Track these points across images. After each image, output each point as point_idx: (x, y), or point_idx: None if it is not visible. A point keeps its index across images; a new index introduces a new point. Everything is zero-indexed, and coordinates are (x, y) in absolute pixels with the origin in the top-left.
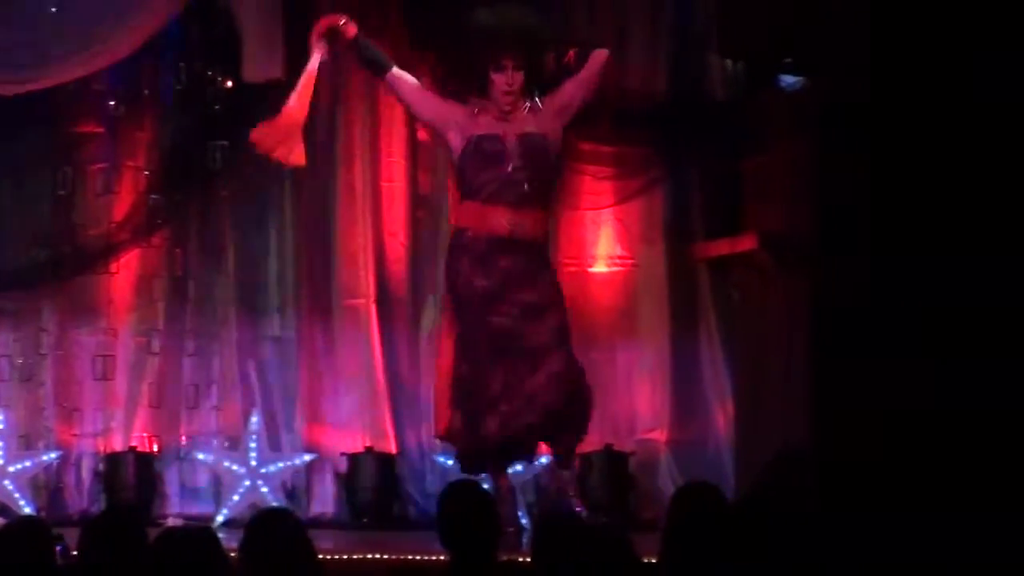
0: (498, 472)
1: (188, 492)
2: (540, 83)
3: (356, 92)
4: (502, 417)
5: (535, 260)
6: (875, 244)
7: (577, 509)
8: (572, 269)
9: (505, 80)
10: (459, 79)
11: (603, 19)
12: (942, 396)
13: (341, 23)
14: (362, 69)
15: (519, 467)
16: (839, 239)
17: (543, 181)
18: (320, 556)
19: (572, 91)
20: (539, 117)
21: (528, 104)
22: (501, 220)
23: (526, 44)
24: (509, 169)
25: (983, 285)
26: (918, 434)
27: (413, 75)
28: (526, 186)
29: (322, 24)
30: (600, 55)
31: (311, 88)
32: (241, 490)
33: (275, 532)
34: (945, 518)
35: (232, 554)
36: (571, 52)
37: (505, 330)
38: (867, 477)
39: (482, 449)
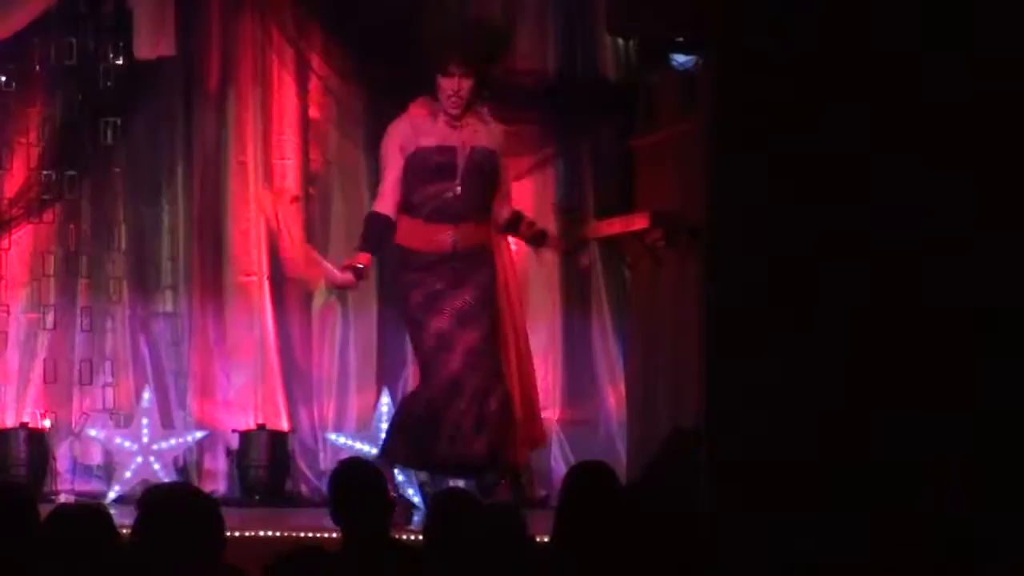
0: None
1: (80, 469)
2: (490, 92)
3: (247, 70)
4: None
5: (476, 263)
6: (767, 224)
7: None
8: None
9: (451, 86)
10: (352, 57)
11: None
12: (832, 379)
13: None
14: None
15: None
16: (731, 218)
17: (487, 195)
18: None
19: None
20: (490, 130)
21: (477, 111)
22: (445, 238)
23: (476, 52)
24: (457, 186)
25: (872, 265)
26: (809, 416)
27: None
28: (470, 202)
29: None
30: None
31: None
32: (133, 467)
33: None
34: (831, 501)
35: (124, 531)
36: None
37: (442, 332)
38: (758, 458)
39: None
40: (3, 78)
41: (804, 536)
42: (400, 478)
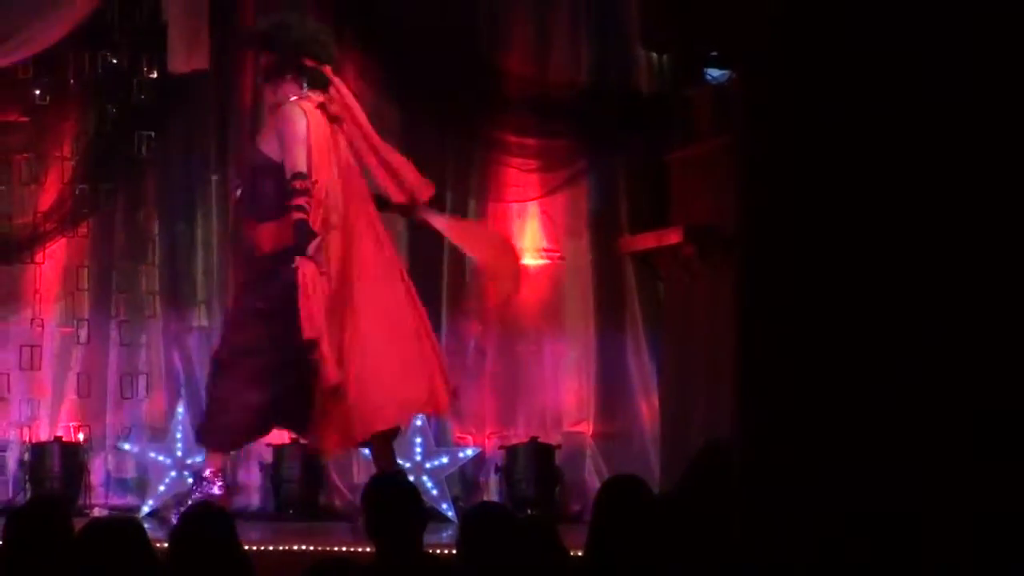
0: None
1: (114, 483)
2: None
3: None
4: None
5: None
6: (802, 237)
7: None
8: None
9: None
10: (387, 71)
11: (524, 10)
12: (870, 389)
13: None
14: None
15: (445, 459)
16: (764, 232)
17: None
18: (246, 547)
19: None
20: None
21: None
22: None
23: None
24: None
25: (907, 279)
26: (843, 428)
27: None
28: None
29: None
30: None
31: None
32: (166, 481)
33: (205, 527)
34: (864, 509)
35: (158, 544)
36: None
37: None
38: (795, 470)
39: None
40: (37, 92)
41: (841, 546)
42: (434, 492)
